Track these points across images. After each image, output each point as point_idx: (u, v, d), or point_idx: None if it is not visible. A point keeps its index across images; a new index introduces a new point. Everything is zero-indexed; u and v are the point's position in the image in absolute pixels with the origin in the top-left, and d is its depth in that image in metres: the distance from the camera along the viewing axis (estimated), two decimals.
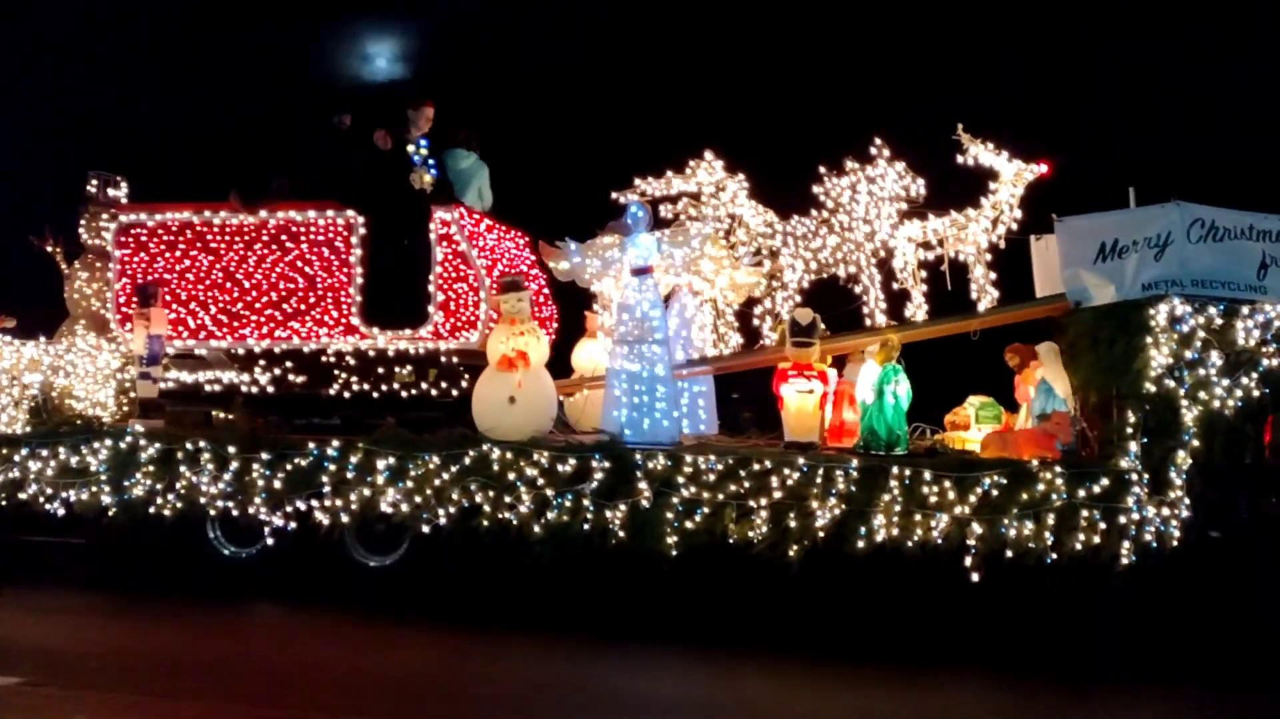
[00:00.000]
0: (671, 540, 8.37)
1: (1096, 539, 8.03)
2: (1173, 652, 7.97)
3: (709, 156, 10.55)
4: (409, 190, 10.02)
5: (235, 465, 9.02)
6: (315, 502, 8.92)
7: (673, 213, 10.69)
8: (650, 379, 9.24)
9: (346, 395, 10.02)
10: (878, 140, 9.86)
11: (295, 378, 10.15)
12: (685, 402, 10.29)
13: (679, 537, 8.37)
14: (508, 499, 8.61)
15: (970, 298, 9.82)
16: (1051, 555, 8.04)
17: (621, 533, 8.45)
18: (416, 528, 8.84)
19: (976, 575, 8.09)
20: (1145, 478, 8.15)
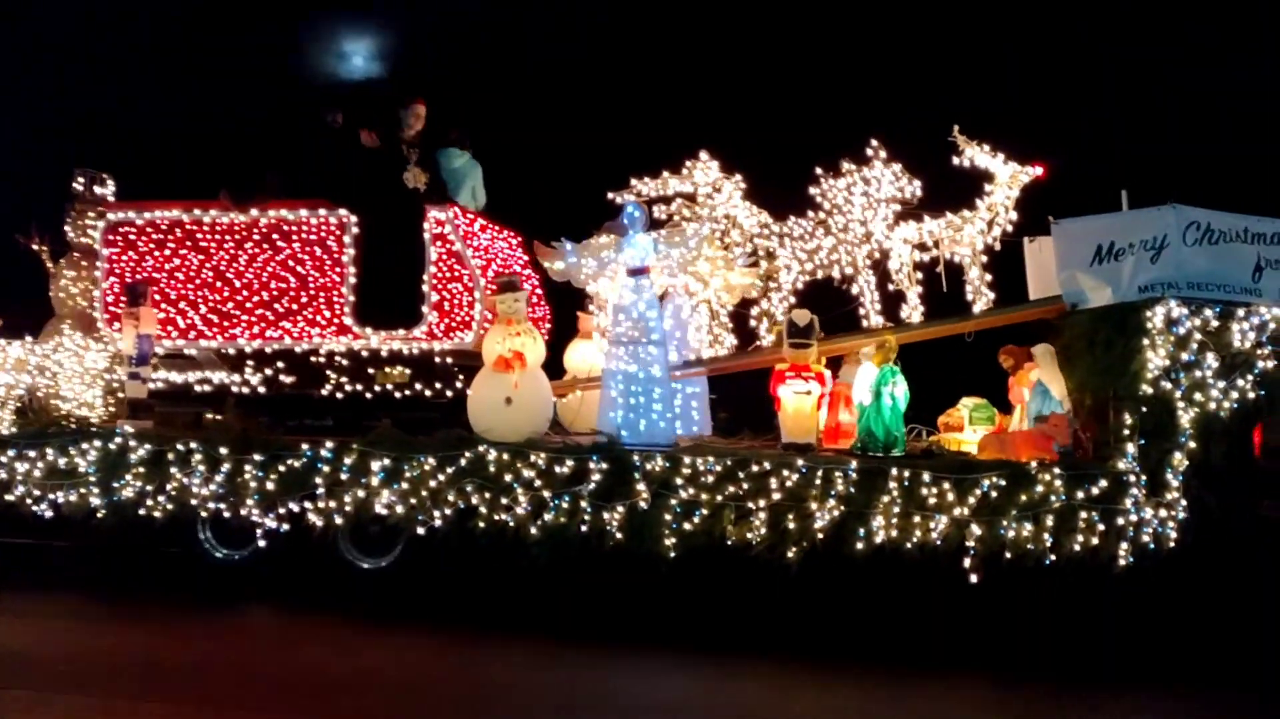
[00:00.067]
0: (670, 542, 8.32)
1: (1095, 541, 8.04)
2: (1170, 653, 8.00)
3: (704, 157, 10.51)
4: (402, 189, 9.96)
5: (227, 467, 8.91)
6: (309, 503, 8.82)
7: (666, 213, 10.65)
8: (647, 380, 9.19)
9: (339, 396, 9.94)
10: (874, 142, 9.85)
11: (287, 378, 10.06)
12: (678, 403, 10.24)
13: (677, 538, 8.33)
14: (504, 501, 8.54)
15: (965, 299, 9.82)
16: (1050, 557, 8.05)
17: (619, 535, 8.40)
18: (411, 530, 8.76)
19: (975, 577, 8.09)
20: (1143, 479, 8.17)
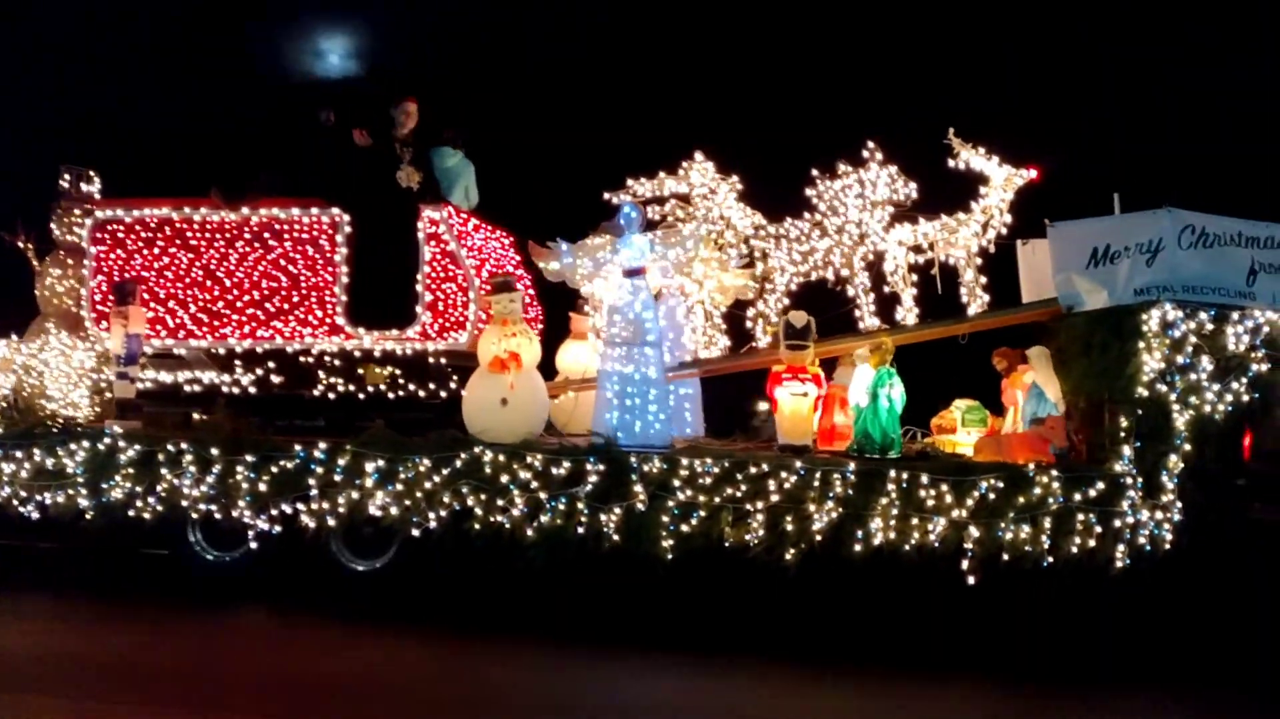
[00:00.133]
0: (667, 544, 8.29)
1: (1092, 543, 8.06)
2: (1167, 654, 8.05)
3: (699, 157, 10.48)
4: (395, 188, 9.88)
5: (218, 468, 8.80)
6: (301, 505, 8.74)
7: (660, 214, 10.61)
8: (643, 381, 9.13)
9: (331, 397, 9.86)
10: (870, 144, 9.84)
11: (277, 378, 9.96)
12: (671, 404, 10.20)
13: (675, 540, 8.29)
14: (500, 502, 8.49)
15: (960, 302, 9.83)
16: (1048, 559, 8.07)
17: (616, 536, 8.35)
18: (406, 531, 8.68)
19: (973, 579, 8.10)
20: (1139, 482, 8.20)
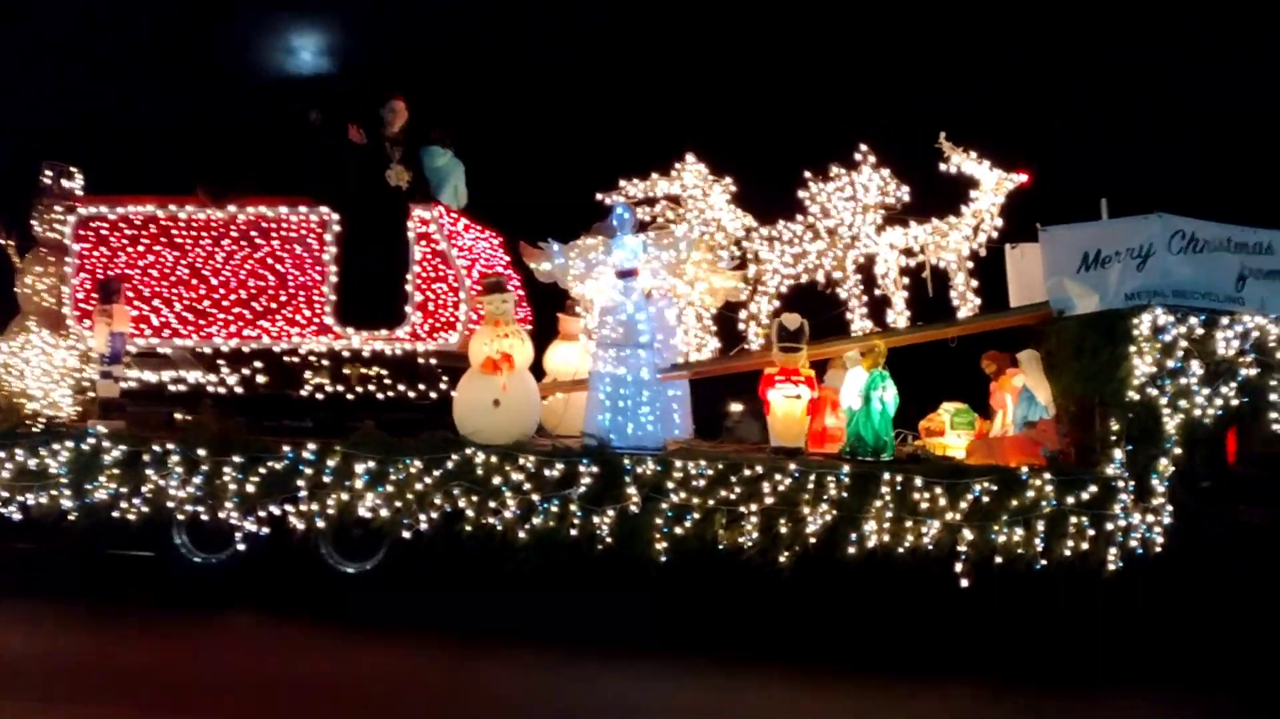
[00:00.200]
0: (660, 546, 8.27)
1: (1085, 545, 8.10)
2: (1159, 656, 8.09)
3: (690, 159, 10.45)
4: (385, 187, 9.80)
5: (206, 468, 8.69)
6: (290, 506, 8.65)
7: (650, 215, 10.58)
8: (635, 383, 9.09)
9: (319, 397, 9.76)
10: (863, 147, 9.85)
11: (264, 378, 9.85)
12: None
13: (668, 542, 8.27)
14: (492, 504, 8.43)
15: (951, 305, 9.85)
16: (1041, 562, 8.09)
17: (609, 539, 8.32)
18: (396, 533, 8.61)
19: (966, 581, 8.12)
20: (1130, 485, 8.24)
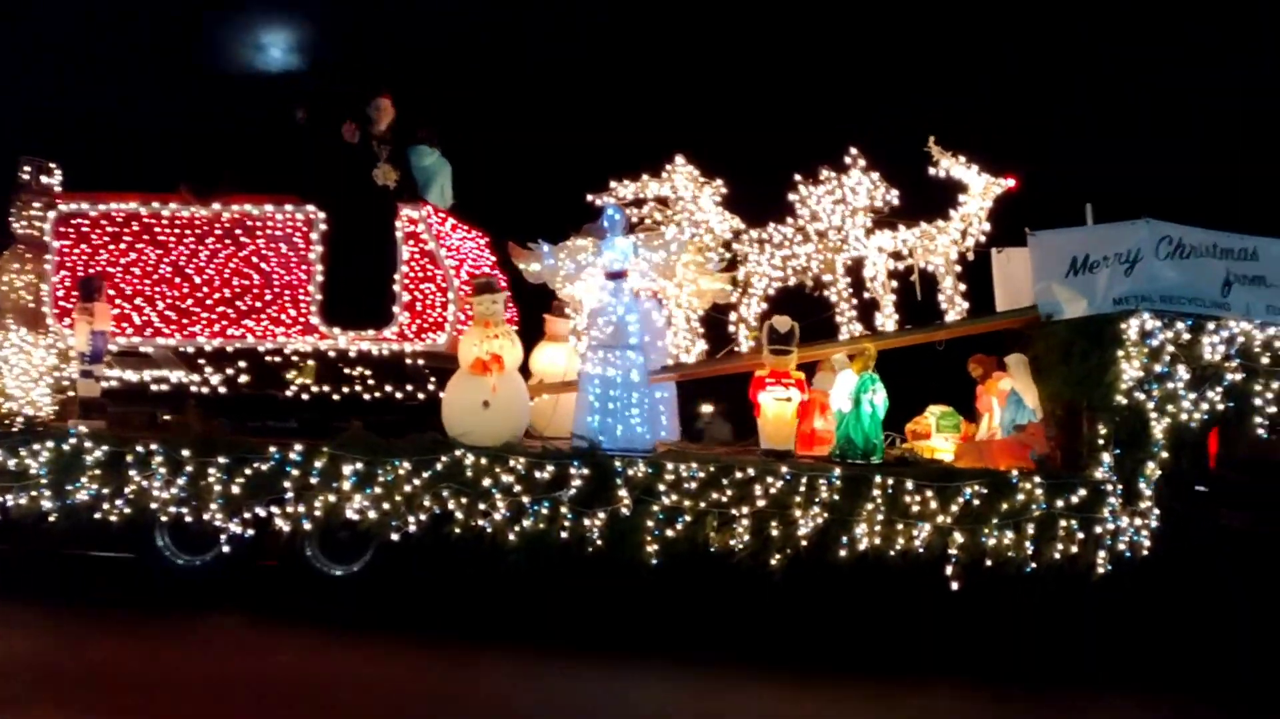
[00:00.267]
0: (652, 549, 8.23)
1: (1074, 549, 8.14)
2: (1149, 658, 8.17)
3: (680, 160, 10.43)
4: (372, 186, 9.72)
5: (190, 469, 8.57)
6: (276, 508, 8.54)
7: (639, 216, 10.54)
8: (625, 385, 9.05)
9: (304, 398, 9.66)
10: (853, 150, 9.86)
11: (248, 378, 9.74)
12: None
13: (659, 545, 8.23)
14: (482, 506, 8.36)
15: (939, 308, 9.88)
16: (1031, 565, 8.13)
17: (600, 541, 8.28)
18: (384, 535, 8.52)
19: (956, 584, 8.14)
20: (1118, 489, 8.29)
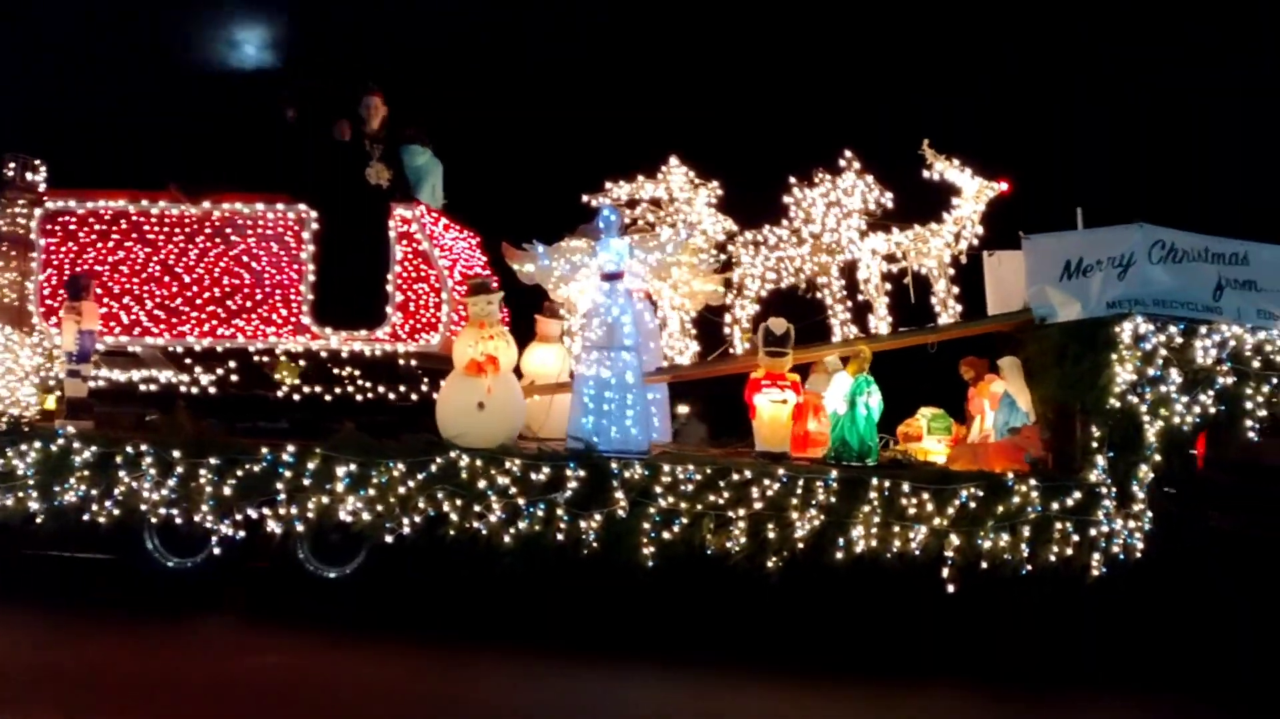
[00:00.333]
0: (648, 551, 8.20)
1: (1069, 551, 8.18)
2: (1143, 659, 8.21)
3: (674, 162, 10.41)
4: (365, 185, 9.65)
5: (180, 470, 8.48)
6: (267, 509, 8.46)
7: (631, 218, 10.52)
8: (620, 387, 8.99)
9: (296, 398, 9.58)
10: (848, 153, 9.87)
11: (238, 379, 9.65)
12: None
13: (655, 547, 8.20)
14: (477, 508, 8.31)
15: (932, 311, 9.91)
16: (1027, 567, 8.16)
17: (596, 543, 8.24)
18: (377, 538, 8.46)
19: (952, 587, 8.15)
20: (1112, 491, 8.33)
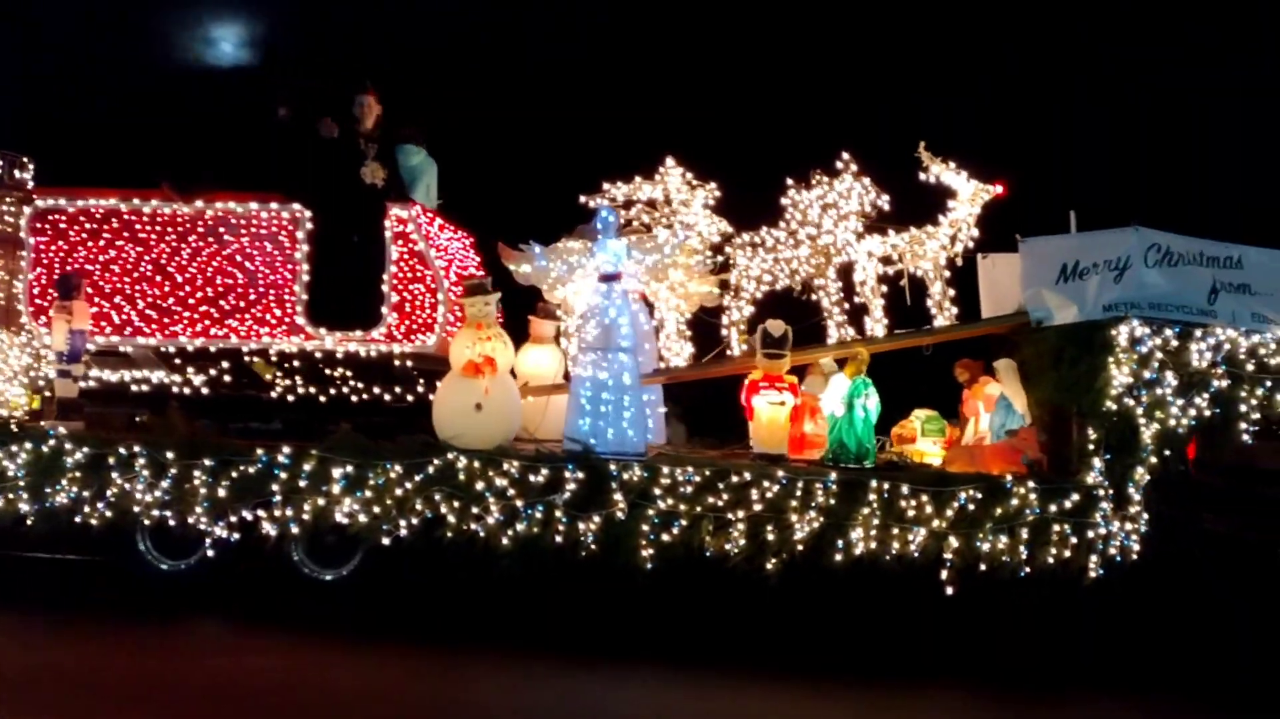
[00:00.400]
0: (647, 553, 8.18)
1: (1067, 553, 8.20)
2: (1140, 660, 8.23)
3: (670, 163, 10.39)
4: (359, 185, 9.59)
5: (174, 472, 8.41)
6: (263, 511, 8.40)
7: (626, 219, 10.48)
8: (617, 388, 8.96)
9: (290, 399, 9.51)
10: (845, 155, 9.88)
11: (231, 379, 9.58)
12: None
13: (654, 549, 8.18)
14: (475, 510, 8.26)
15: (928, 313, 9.93)
16: (1025, 569, 8.18)
17: (594, 545, 8.21)
18: (374, 540, 8.40)
19: (951, 589, 8.16)
20: (1110, 493, 8.37)
